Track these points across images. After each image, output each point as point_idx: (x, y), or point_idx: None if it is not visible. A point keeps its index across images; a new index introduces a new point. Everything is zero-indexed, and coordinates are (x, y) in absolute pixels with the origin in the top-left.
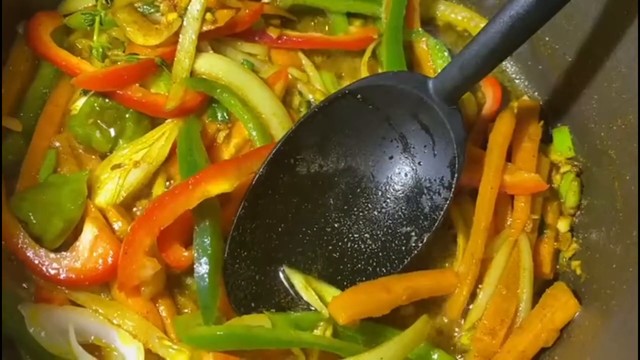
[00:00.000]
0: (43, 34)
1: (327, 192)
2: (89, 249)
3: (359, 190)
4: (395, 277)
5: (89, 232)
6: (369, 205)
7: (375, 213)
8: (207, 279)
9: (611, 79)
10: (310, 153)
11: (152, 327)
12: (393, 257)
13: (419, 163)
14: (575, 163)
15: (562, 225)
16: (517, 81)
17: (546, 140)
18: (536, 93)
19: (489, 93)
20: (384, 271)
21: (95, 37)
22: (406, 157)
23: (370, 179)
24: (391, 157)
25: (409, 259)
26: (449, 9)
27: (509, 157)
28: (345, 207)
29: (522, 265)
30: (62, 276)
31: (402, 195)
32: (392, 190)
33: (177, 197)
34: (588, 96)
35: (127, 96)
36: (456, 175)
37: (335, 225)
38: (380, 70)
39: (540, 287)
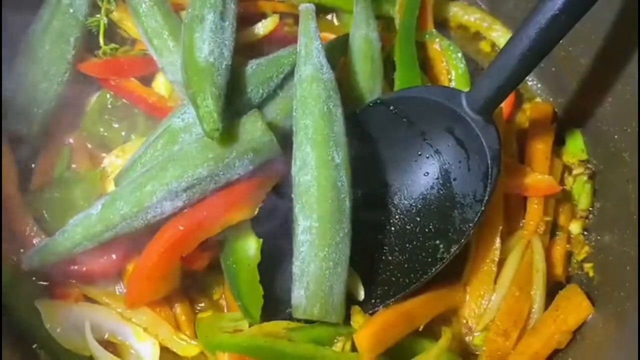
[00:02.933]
0: None
1: (360, 205)
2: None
3: (392, 205)
4: (417, 304)
5: None
6: (401, 220)
7: (407, 227)
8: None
9: (625, 81)
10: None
11: (164, 322)
12: (418, 268)
13: (453, 179)
14: (588, 165)
15: (575, 228)
16: (530, 83)
17: (559, 142)
18: (549, 95)
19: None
20: (407, 282)
21: (101, 40)
22: (442, 174)
23: (404, 195)
24: (426, 174)
25: (434, 269)
26: (461, 10)
27: (522, 158)
28: (376, 221)
29: (535, 267)
30: (71, 268)
31: (435, 210)
32: (425, 205)
33: (198, 230)
34: (602, 99)
35: (124, 89)
36: (489, 188)
37: (365, 237)
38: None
39: (553, 289)
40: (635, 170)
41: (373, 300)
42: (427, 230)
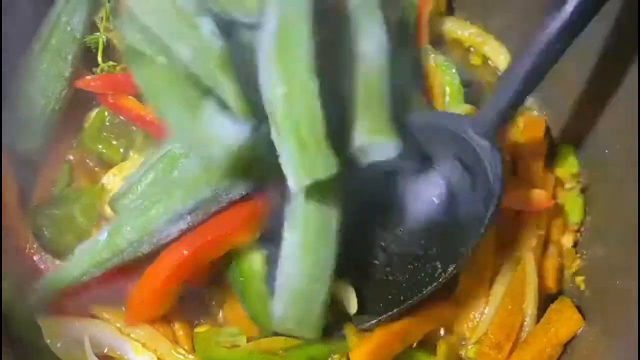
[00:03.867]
0: None
1: (363, 225)
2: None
3: (397, 228)
4: (411, 320)
5: None
6: (405, 242)
7: (409, 249)
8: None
9: (616, 97)
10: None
11: (162, 338)
12: (414, 286)
13: (459, 204)
14: (580, 179)
15: (567, 241)
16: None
17: (551, 156)
18: (542, 109)
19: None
20: (402, 299)
21: (99, 58)
22: (449, 200)
23: (411, 219)
24: (435, 201)
25: (429, 288)
26: (455, 25)
27: (515, 172)
28: (379, 241)
29: (527, 281)
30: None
31: (439, 233)
32: (431, 229)
33: (201, 254)
34: (593, 114)
35: (122, 106)
36: (490, 211)
37: (365, 256)
38: None
39: (545, 301)
40: (625, 186)
41: (367, 316)
42: (429, 252)
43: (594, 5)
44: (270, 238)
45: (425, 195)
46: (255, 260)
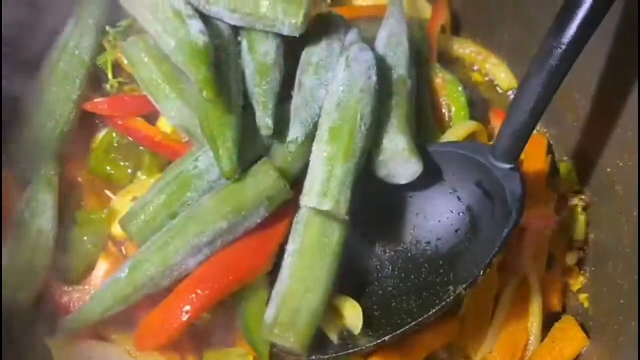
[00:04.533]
0: None
1: (380, 250)
2: (100, 283)
3: (418, 256)
4: (416, 339)
5: (101, 267)
6: (425, 269)
7: (430, 279)
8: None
9: (617, 115)
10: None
11: None
12: (423, 308)
13: (480, 230)
14: (583, 197)
15: (570, 259)
16: None
17: (554, 173)
18: (544, 127)
19: (498, 126)
20: (409, 320)
21: (110, 75)
22: (471, 229)
23: (434, 250)
24: (457, 230)
25: (437, 309)
26: (457, 44)
27: None
28: (403, 275)
29: (531, 299)
30: (73, 309)
31: (459, 260)
32: (452, 257)
33: (219, 293)
34: (595, 132)
35: (130, 128)
36: (506, 231)
37: (381, 280)
38: None
39: (549, 320)
40: (628, 204)
41: (372, 336)
42: (447, 278)
43: (597, 20)
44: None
45: (446, 221)
46: (258, 288)
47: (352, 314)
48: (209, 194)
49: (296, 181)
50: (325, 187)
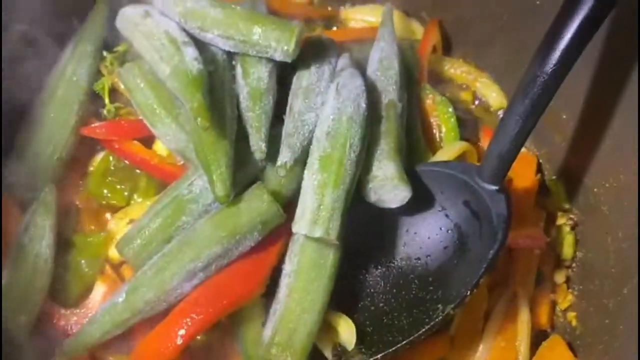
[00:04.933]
0: None
1: (374, 269)
2: (97, 306)
3: (408, 273)
4: (406, 357)
5: (99, 289)
6: (414, 286)
7: (420, 295)
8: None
9: (602, 137)
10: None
11: None
12: (412, 327)
13: (469, 249)
14: (571, 216)
15: (559, 277)
16: None
17: (543, 191)
18: (533, 146)
19: (487, 145)
20: (399, 338)
21: (106, 100)
22: (459, 247)
23: (424, 267)
24: (446, 247)
25: (426, 328)
26: (449, 64)
27: None
28: (389, 284)
29: (520, 318)
30: (71, 332)
31: (448, 278)
32: (440, 275)
33: (214, 316)
34: (582, 152)
35: (126, 151)
36: (492, 252)
37: (371, 298)
38: None
39: (538, 338)
40: (613, 224)
41: (365, 350)
42: (436, 296)
43: (578, 51)
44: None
45: (435, 238)
46: (254, 309)
47: (346, 331)
48: (204, 218)
49: (290, 202)
50: (315, 214)
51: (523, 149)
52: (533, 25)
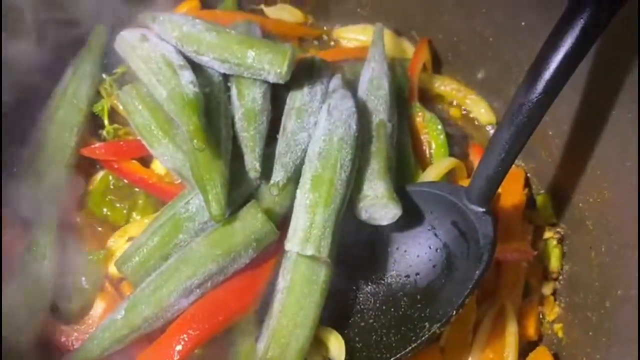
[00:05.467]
0: None
1: (364, 286)
2: (97, 322)
3: (396, 290)
4: None
5: (98, 306)
6: (403, 304)
7: (408, 313)
8: None
9: (587, 154)
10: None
11: None
12: (400, 344)
13: (456, 269)
14: (558, 230)
15: (546, 289)
16: None
17: (531, 205)
18: (521, 160)
19: (477, 160)
20: (388, 356)
21: (106, 121)
22: (447, 266)
23: (413, 284)
24: (435, 266)
25: (413, 346)
26: (438, 81)
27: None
28: (377, 301)
29: (508, 330)
30: (72, 348)
31: (435, 297)
32: (428, 293)
33: (210, 332)
34: (568, 168)
35: (125, 170)
36: (478, 273)
37: (368, 320)
38: None
39: (525, 349)
40: (596, 238)
41: None
42: (423, 314)
43: (569, 72)
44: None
45: (424, 257)
46: (248, 328)
47: (335, 346)
48: (200, 237)
49: (283, 220)
50: (307, 233)
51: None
52: (519, 44)
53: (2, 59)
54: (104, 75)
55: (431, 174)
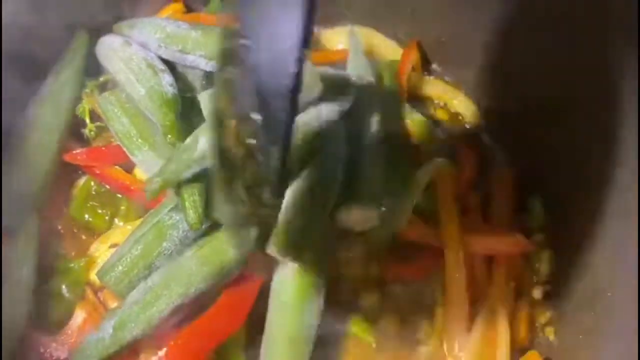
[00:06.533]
0: None
1: None
2: (77, 332)
3: None
4: None
5: (79, 315)
6: None
7: None
8: None
9: (578, 156)
10: None
11: None
12: None
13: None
14: (548, 232)
15: (537, 293)
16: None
17: (521, 208)
18: (510, 162)
19: (465, 161)
20: None
21: (87, 121)
22: None
23: None
24: None
25: None
26: (427, 83)
27: (485, 220)
28: None
29: (499, 333)
30: (51, 359)
31: None
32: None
33: (207, 350)
34: (558, 170)
35: (107, 176)
36: None
37: None
38: None
39: (518, 354)
40: (587, 242)
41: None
42: None
43: None
44: None
45: None
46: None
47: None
48: (189, 251)
49: None
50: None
51: (501, 167)
52: (506, 45)
53: None
54: (86, 82)
55: (421, 176)
